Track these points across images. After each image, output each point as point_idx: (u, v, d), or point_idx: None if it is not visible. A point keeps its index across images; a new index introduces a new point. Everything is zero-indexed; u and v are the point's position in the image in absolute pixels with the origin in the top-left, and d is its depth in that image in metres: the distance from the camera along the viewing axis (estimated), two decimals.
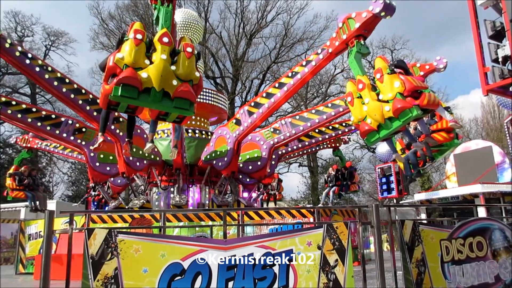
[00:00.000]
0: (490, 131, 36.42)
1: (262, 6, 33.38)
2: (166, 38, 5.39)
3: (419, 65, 9.13)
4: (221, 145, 11.24)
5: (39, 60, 8.52)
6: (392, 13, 6.35)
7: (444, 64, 8.81)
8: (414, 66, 9.18)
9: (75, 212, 8.11)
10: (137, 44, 5.22)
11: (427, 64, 9.05)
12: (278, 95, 9.19)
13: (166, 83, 5.25)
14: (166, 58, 5.27)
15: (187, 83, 5.44)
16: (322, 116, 10.74)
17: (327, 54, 7.67)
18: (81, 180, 33.99)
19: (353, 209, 13.24)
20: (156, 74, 5.17)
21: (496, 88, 9.00)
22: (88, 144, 10.65)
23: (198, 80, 5.61)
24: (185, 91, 5.36)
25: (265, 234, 4.10)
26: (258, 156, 11.58)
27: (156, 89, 5.19)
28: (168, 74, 5.26)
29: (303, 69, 8.42)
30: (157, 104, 5.34)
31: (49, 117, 10.34)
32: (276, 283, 3.80)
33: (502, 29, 8.90)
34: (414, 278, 4.32)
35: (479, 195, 17.49)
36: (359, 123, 6.49)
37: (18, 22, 31.81)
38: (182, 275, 3.68)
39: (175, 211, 11.43)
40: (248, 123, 10.13)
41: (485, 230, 4.91)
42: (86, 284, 3.51)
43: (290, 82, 8.80)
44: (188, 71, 5.45)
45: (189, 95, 5.42)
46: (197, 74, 5.60)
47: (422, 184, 31.41)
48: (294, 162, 34.32)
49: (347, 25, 6.75)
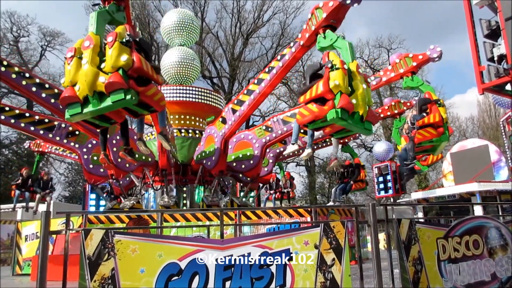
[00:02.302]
0: (486, 130, 36.55)
1: (258, 6, 33.45)
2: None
3: (412, 56, 9.14)
4: (210, 144, 11.24)
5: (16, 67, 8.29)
6: (359, 1, 6.14)
7: (438, 53, 8.76)
8: (406, 56, 9.25)
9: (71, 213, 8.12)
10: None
11: (420, 54, 9.02)
12: (257, 92, 9.18)
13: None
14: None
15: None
16: None
17: (299, 47, 7.56)
18: (78, 181, 33.91)
19: (350, 208, 13.26)
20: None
21: (492, 87, 9.04)
22: (81, 147, 10.75)
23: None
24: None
25: (262, 234, 4.10)
26: (250, 155, 11.57)
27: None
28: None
29: (278, 64, 8.36)
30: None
31: (42, 122, 10.47)
32: (273, 282, 3.81)
33: (498, 28, 8.94)
34: (411, 277, 4.33)
35: (475, 193, 17.56)
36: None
37: (13, 23, 31.68)
38: (179, 275, 3.67)
39: (173, 211, 11.43)
40: (232, 121, 10.12)
41: (482, 229, 4.93)
42: (83, 284, 3.50)
43: (267, 77, 8.75)
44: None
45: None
46: None
47: (419, 183, 31.51)
48: (292, 161, 34.35)
49: (315, 16, 6.56)
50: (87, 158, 10.77)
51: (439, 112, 8.09)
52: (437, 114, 8.05)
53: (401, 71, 9.17)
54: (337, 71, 5.61)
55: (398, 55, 9.55)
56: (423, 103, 8.33)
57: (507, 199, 17.17)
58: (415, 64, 8.83)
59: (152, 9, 32.92)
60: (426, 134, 8.14)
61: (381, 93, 34.56)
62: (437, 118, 8.03)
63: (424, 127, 8.13)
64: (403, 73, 9.11)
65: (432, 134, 8.14)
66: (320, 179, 37.48)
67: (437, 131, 8.11)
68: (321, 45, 6.39)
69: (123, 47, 4.93)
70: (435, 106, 8.17)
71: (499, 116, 29.34)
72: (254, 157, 11.49)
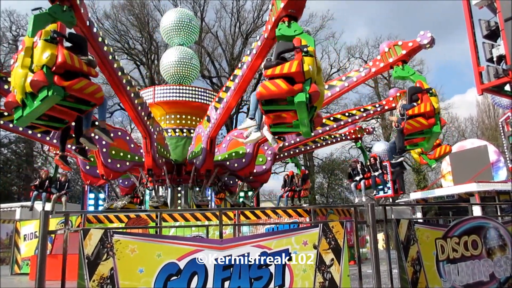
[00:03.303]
0: (485, 130, 36.62)
1: (258, 6, 33.43)
2: None
3: (401, 43, 8.54)
4: (198, 143, 11.24)
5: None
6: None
7: (428, 39, 8.18)
8: (396, 44, 8.61)
9: (70, 213, 8.12)
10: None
11: (410, 41, 8.38)
12: (232, 88, 9.22)
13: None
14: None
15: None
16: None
17: (263, 40, 7.48)
18: (77, 180, 33.85)
19: (349, 208, 13.28)
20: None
21: (491, 87, 9.04)
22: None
23: None
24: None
25: (261, 234, 4.11)
26: (242, 153, 11.55)
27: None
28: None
29: (248, 59, 8.33)
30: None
31: None
32: (272, 282, 3.81)
33: (497, 29, 8.95)
34: (409, 277, 4.33)
35: (474, 193, 17.60)
36: None
37: (13, 22, 31.60)
38: (178, 275, 3.67)
39: (171, 211, 11.43)
40: (215, 119, 10.12)
41: (480, 229, 4.93)
42: (82, 284, 3.50)
43: (240, 73, 8.77)
44: None
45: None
46: None
47: (418, 183, 31.56)
48: (291, 161, 34.31)
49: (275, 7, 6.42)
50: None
51: (430, 101, 7.41)
52: (429, 103, 7.38)
53: (390, 60, 8.51)
54: (311, 58, 5.32)
55: (387, 44, 8.92)
56: (413, 92, 7.72)
57: (506, 199, 17.21)
58: (405, 53, 8.14)
59: (151, 8, 32.96)
60: (416, 124, 7.39)
61: (381, 94, 34.59)
62: (428, 108, 7.34)
63: (414, 117, 7.43)
64: (392, 62, 8.42)
65: (422, 124, 7.39)
66: (319, 179, 37.50)
67: (428, 121, 7.38)
68: (282, 33, 6.02)
69: (48, 45, 4.91)
70: (427, 96, 7.49)
71: (498, 117, 29.39)
72: (246, 155, 11.50)
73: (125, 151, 10.68)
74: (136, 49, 33.60)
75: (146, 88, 13.89)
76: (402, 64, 8.34)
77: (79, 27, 6.34)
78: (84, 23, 6.47)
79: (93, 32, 6.96)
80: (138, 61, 33.64)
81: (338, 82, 9.02)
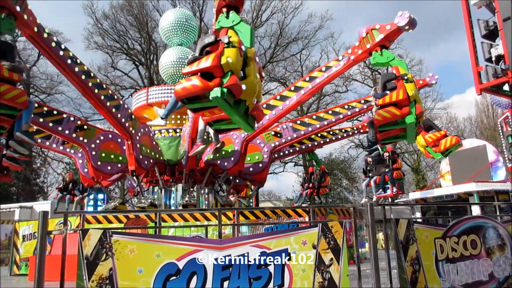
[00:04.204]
0: (484, 130, 36.66)
1: (257, 6, 33.39)
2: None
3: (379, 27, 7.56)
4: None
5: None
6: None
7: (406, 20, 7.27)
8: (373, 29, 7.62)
9: (69, 213, 8.12)
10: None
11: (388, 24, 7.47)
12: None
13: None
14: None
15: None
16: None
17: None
18: None
19: (348, 208, 13.26)
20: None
21: (490, 87, 9.05)
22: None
23: None
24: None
25: (260, 234, 4.11)
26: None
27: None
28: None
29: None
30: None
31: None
32: (271, 282, 3.81)
33: (495, 29, 8.96)
34: (408, 277, 4.34)
35: (473, 193, 17.61)
36: None
37: None
38: (177, 275, 3.67)
39: (170, 211, 11.43)
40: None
41: (479, 228, 4.94)
42: (81, 285, 3.49)
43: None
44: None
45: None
46: None
47: (417, 183, 31.58)
48: (290, 161, 34.36)
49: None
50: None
51: (404, 88, 6.60)
52: (402, 90, 6.57)
53: (368, 46, 7.71)
54: (233, 49, 5.05)
55: (366, 28, 7.83)
56: (387, 79, 7.03)
57: (505, 199, 17.23)
58: (383, 37, 7.31)
59: (150, 8, 32.92)
60: (386, 115, 6.62)
61: None
62: (401, 96, 6.55)
63: (385, 106, 6.71)
64: (370, 48, 7.62)
65: (394, 114, 6.57)
66: None
67: (401, 111, 6.57)
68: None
69: None
70: (402, 82, 6.69)
71: (497, 116, 29.42)
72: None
73: (116, 153, 10.63)
74: (135, 49, 33.59)
75: (140, 91, 13.88)
76: (380, 50, 7.53)
77: (27, 33, 6.51)
78: (32, 29, 6.56)
79: (43, 37, 6.98)
80: (137, 61, 33.64)
81: (319, 73, 8.70)
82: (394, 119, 6.62)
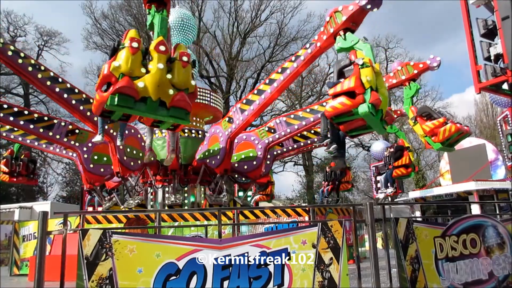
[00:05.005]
0: (483, 129, 36.69)
1: (256, 5, 33.40)
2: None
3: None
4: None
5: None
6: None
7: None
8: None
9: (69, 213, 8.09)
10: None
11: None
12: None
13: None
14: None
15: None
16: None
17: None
18: (76, 181, 33.81)
19: (348, 207, 13.26)
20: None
21: (489, 86, 9.04)
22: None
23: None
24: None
25: (260, 233, 4.11)
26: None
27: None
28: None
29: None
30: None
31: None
32: (271, 282, 3.81)
33: (494, 28, 8.95)
34: (408, 276, 4.34)
35: (472, 192, 17.62)
36: None
37: (10, 22, 31.53)
38: (177, 275, 3.67)
39: (170, 211, 11.42)
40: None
41: (479, 227, 4.95)
42: (81, 285, 3.50)
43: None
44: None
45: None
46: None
47: (417, 182, 31.58)
48: (289, 161, 34.37)
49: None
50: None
51: (358, 75, 5.75)
52: (354, 77, 5.74)
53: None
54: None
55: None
56: (342, 66, 6.25)
57: (504, 197, 17.24)
58: (345, 19, 6.82)
59: None
60: (337, 105, 5.80)
61: None
62: (353, 83, 5.70)
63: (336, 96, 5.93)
64: (334, 32, 7.06)
65: (345, 104, 5.74)
66: (318, 178, 37.47)
67: (354, 101, 5.73)
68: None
69: None
70: (356, 68, 5.86)
71: (496, 115, 29.44)
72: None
73: (108, 155, 10.63)
74: None
75: None
76: (344, 34, 6.87)
77: None
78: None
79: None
80: None
81: (289, 63, 8.55)
82: (346, 109, 5.79)
